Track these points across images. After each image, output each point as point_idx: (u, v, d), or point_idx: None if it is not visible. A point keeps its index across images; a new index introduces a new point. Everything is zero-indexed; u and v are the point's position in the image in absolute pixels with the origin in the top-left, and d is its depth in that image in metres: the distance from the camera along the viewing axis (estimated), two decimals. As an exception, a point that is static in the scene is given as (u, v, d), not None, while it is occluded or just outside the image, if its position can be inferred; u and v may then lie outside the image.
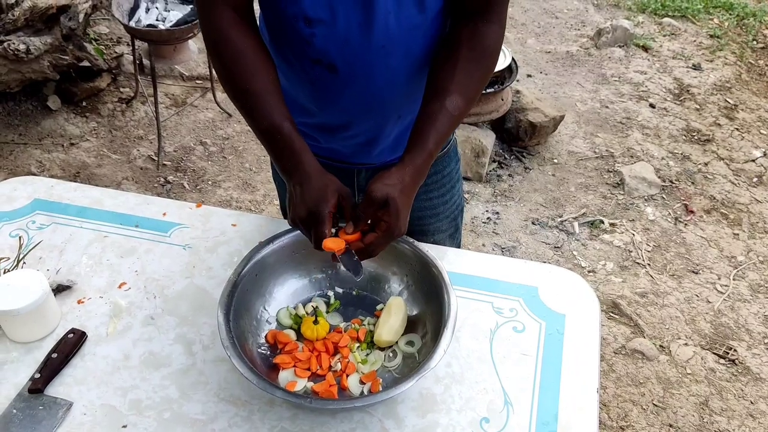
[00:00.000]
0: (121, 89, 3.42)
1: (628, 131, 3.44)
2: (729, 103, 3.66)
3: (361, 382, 1.11)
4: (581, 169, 3.20)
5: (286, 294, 1.24)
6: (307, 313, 1.21)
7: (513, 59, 3.06)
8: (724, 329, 2.48)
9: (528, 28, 4.23)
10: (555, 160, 3.24)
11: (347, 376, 1.12)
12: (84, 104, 3.30)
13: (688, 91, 3.74)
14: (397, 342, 1.16)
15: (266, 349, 1.16)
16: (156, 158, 3.08)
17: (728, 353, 2.38)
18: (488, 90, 2.97)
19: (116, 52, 3.51)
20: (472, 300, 1.24)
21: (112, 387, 1.10)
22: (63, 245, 1.33)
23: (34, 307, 1.12)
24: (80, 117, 3.25)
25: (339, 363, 1.14)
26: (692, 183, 3.15)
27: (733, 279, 2.68)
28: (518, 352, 1.16)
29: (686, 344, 2.41)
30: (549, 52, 4.02)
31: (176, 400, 1.08)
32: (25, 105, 3.20)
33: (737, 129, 3.49)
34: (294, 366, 1.12)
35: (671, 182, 3.14)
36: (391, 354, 1.16)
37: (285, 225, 1.33)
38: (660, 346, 2.40)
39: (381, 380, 1.11)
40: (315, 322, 1.17)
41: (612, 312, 2.52)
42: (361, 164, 1.35)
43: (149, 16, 2.91)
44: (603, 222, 2.91)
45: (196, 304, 1.23)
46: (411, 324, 1.18)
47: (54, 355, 1.11)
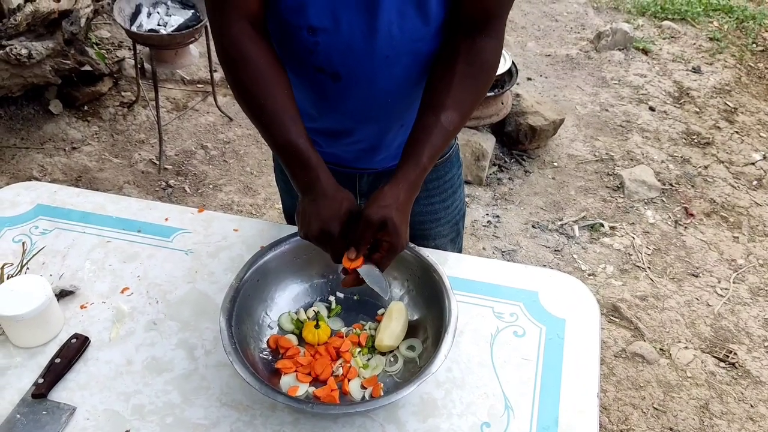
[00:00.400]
0: (123, 93, 3.43)
1: (628, 134, 3.44)
2: (729, 106, 3.67)
3: (363, 387, 1.12)
4: (581, 173, 3.21)
5: (288, 299, 1.24)
6: (309, 318, 1.22)
7: (513, 63, 3.07)
8: (724, 332, 2.48)
9: (528, 32, 4.24)
10: (555, 164, 3.25)
11: (349, 381, 1.12)
12: (85, 108, 3.31)
13: (688, 94, 3.74)
14: (398, 347, 1.17)
15: (268, 354, 1.17)
16: (157, 162, 3.08)
17: (728, 356, 2.38)
18: (488, 94, 2.97)
19: (118, 57, 3.52)
20: (473, 305, 1.25)
21: (115, 392, 1.10)
22: (66, 250, 1.34)
23: (38, 313, 1.13)
24: (82, 121, 3.26)
25: (341, 368, 1.14)
26: (692, 186, 3.15)
27: (733, 282, 2.68)
28: (519, 357, 1.17)
29: (686, 347, 2.42)
30: (549, 56, 4.03)
31: (179, 405, 1.09)
32: (27, 109, 3.22)
33: (737, 132, 3.49)
34: (296, 371, 1.13)
35: (671, 185, 3.15)
36: (392, 359, 1.16)
37: (287, 230, 1.34)
38: (660, 350, 2.40)
39: (382, 385, 1.12)
40: (316, 327, 1.18)
41: (612, 315, 2.52)
42: (364, 169, 1.36)
43: (151, 21, 2.91)
44: (603, 225, 2.92)
45: (199, 309, 1.24)
46: (412, 329, 1.19)
47: (57, 360, 1.12)
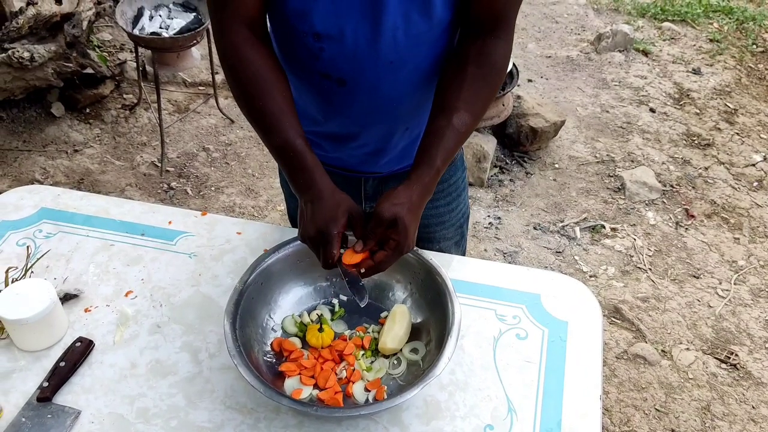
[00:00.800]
0: (125, 96, 3.44)
1: (629, 136, 3.45)
2: (729, 108, 3.67)
3: (366, 390, 1.12)
4: (582, 174, 3.21)
5: (291, 302, 1.25)
6: (312, 321, 1.22)
7: (514, 64, 3.07)
8: (726, 334, 2.48)
9: (528, 33, 4.25)
10: (556, 165, 3.25)
11: (352, 384, 1.13)
12: (87, 111, 3.32)
13: (688, 96, 3.75)
14: (402, 349, 1.18)
15: (272, 357, 1.17)
16: (159, 164, 3.09)
17: (730, 358, 2.39)
18: (489, 96, 2.97)
19: (119, 59, 3.53)
20: (476, 307, 1.25)
21: (120, 395, 1.11)
22: (70, 254, 1.35)
23: (42, 316, 1.13)
24: (84, 124, 3.27)
25: (344, 370, 1.15)
26: (693, 187, 3.16)
27: (734, 283, 2.68)
28: (521, 359, 1.17)
29: (688, 349, 2.42)
30: (549, 57, 4.04)
31: (183, 408, 1.09)
32: (29, 112, 3.22)
33: (737, 133, 3.50)
34: (299, 374, 1.14)
35: (672, 187, 3.15)
36: (396, 361, 1.17)
37: (290, 233, 1.35)
38: (662, 351, 2.40)
39: (386, 387, 1.12)
40: (320, 330, 1.18)
41: (614, 317, 2.53)
42: (369, 173, 1.36)
43: (153, 24, 2.92)
44: (604, 227, 2.92)
45: (202, 313, 1.24)
46: (415, 331, 1.20)
47: (62, 364, 1.12)
